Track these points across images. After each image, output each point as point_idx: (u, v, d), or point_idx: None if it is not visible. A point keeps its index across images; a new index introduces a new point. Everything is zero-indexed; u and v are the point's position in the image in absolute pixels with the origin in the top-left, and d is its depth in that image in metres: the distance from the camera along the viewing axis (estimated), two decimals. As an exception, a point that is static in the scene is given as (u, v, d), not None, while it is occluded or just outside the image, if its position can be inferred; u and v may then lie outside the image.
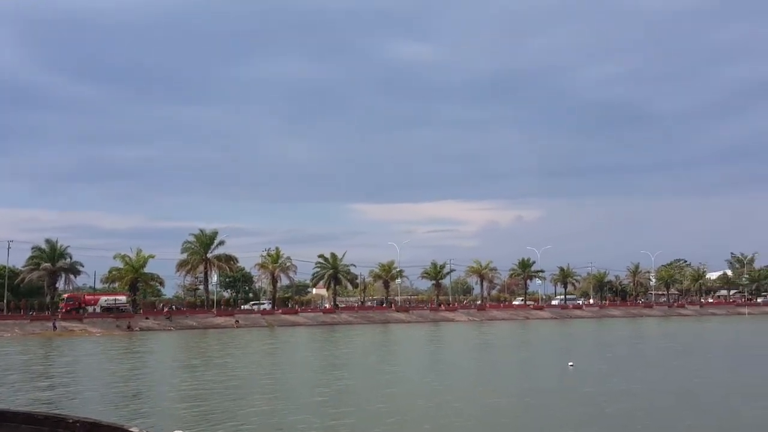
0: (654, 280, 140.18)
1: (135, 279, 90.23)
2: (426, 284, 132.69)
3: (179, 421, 23.19)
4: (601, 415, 24.21)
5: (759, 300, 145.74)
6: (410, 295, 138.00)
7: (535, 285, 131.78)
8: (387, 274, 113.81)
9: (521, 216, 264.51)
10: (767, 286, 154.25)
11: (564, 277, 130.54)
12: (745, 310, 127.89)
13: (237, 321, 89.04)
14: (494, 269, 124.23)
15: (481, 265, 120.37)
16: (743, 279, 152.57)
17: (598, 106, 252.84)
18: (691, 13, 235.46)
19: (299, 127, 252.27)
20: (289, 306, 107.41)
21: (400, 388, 31.69)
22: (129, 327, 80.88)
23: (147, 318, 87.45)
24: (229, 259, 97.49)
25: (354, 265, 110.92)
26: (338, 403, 27.49)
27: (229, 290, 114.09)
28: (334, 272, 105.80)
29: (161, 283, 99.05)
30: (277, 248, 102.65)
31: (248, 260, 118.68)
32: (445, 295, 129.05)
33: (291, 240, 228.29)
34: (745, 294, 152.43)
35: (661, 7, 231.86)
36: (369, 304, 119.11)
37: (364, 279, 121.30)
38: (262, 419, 23.58)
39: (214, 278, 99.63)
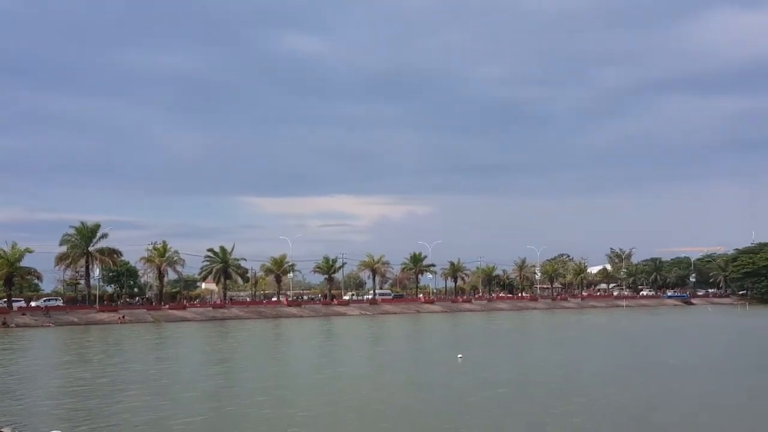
0: (539, 274, 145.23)
1: (10, 273, 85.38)
2: (318, 278, 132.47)
3: (51, 420, 22.19)
4: (479, 402, 25.02)
5: (624, 293, 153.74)
6: (303, 290, 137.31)
7: (427, 279, 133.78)
8: (279, 268, 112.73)
9: (413, 211, 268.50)
10: (643, 280, 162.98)
11: (454, 271, 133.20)
12: (623, 302, 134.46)
13: (122, 316, 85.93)
14: (386, 263, 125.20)
15: (373, 259, 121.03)
16: (622, 273, 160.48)
17: (486, 106, 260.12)
18: (574, 18, 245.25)
19: (190, 119, 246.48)
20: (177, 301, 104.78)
21: (284, 382, 31.44)
22: (4, 323, 76.62)
23: (24, 314, 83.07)
24: (113, 253, 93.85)
25: (245, 259, 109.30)
26: (217, 397, 26.99)
27: (112, 285, 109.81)
28: (224, 266, 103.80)
29: (39, 278, 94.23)
30: (164, 242, 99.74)
31: (134, 254, 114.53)
32: (338, 289, 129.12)
33: (179, 233, 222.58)
34: (623, 287, 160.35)
35: (546, 11, 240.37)
36: (260, 298, 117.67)
37: (255, 273, 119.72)
38: (135, 415, 22.85)
39: (96, 272, 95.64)
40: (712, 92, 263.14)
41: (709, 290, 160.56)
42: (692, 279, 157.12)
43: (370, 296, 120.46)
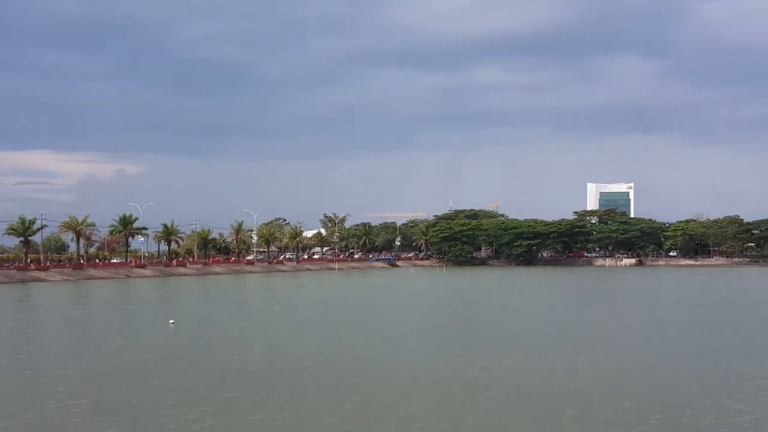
0: (256, 237, 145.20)
1: None
2: (13, 241, 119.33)
3: None
4: (167, 359, 24.77)
5: (356, 256, 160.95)
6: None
7: (138, 242, 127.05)
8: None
9: (123, 170, 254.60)
10: (354, 243, 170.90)
11: (167, 234, 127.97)
12: (336, 265, 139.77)
13: None
14: (92, 225, 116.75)
15: (77, 221, 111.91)
16: (335, 237, 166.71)
17: (202, 63, 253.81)
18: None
19: None
20: None
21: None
22: None
23: None
24: None
25: None
26: None
27: None
28: None
29: None
30: None
31: None
32: (37, 253, 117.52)
33: None
34: (336, 250, 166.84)
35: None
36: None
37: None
38: None
39: None
40: (417, 68, 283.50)
41: (413, 253, 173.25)
42: (398, 243, 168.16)
43: None
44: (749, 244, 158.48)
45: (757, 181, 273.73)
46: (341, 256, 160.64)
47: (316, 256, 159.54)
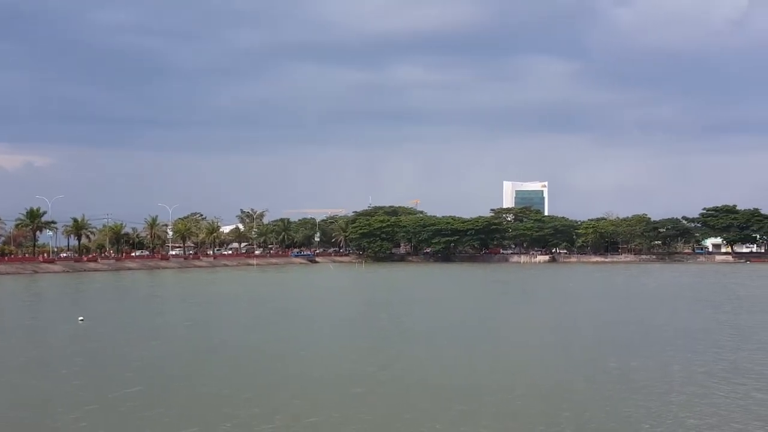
0: (171, 232, 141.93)
1: None
2: None
3: None
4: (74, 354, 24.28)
5: (266, 251, 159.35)
6: None
7: (46, 237, 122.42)
8: None
9: (31, 162, 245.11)
10: (273, 239, 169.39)
11: (78, 228, 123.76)
12: (254, 261, 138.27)
13: None
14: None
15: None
16: (253, 233, 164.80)
17: (112, 53, 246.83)
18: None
19: None
20: None
21: None
22: None
23: None
24: None
25: None
26: None
27: None
28: None
29: None
30: None
31: None
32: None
33: None
34: (254, 246, 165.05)
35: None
36: None
37: None
38: None
39: None
40: (337, 63, 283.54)
41: (333, 249, 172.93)
42: (317, 239, 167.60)
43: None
44: (656, 241, 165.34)
45: (663, 181, 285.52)
46: (259, 252, 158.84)
47: (211, 252, 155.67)
